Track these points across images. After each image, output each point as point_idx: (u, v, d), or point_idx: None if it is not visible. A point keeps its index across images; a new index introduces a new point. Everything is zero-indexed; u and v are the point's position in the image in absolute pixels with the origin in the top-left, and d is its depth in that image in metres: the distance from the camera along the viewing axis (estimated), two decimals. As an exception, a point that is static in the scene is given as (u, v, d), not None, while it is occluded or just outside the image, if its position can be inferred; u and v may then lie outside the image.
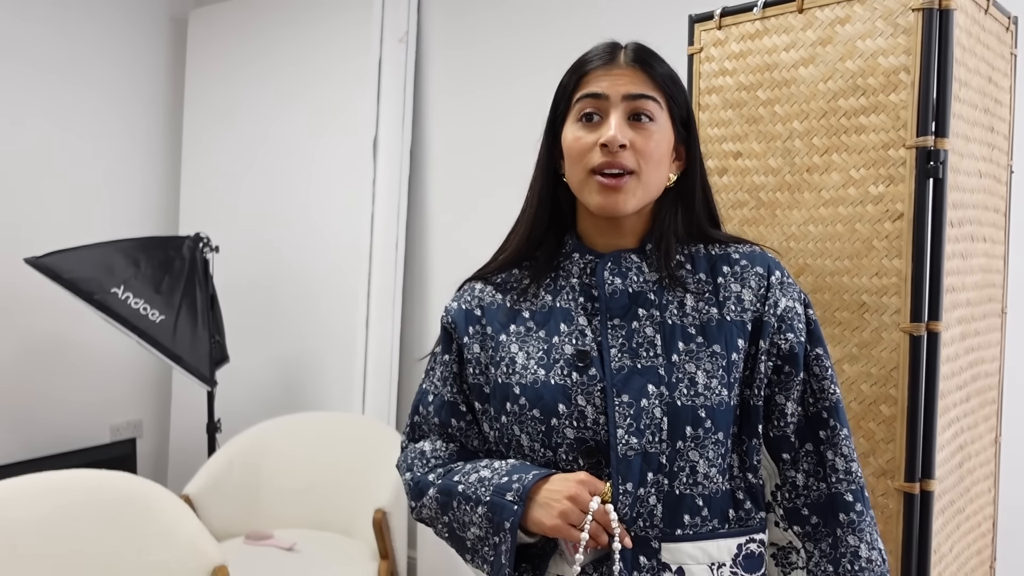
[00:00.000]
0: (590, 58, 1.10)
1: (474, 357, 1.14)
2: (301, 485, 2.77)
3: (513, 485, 1.03)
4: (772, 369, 1.07)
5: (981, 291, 1.56)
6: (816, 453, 1.07)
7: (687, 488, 1.03)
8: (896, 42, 1.37)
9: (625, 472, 1.01)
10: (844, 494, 1.05)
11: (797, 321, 1.07)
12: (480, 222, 3.01)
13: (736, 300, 1.07)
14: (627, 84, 1.06)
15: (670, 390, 1.03)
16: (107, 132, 3.54)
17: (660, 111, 1.07)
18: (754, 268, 1.09)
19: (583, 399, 1.04)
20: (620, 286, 1.08)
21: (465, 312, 1.17)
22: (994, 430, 1.67)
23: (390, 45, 3.10)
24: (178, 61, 3.76)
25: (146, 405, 3.71)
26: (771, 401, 1.07)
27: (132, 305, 2.82)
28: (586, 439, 1.04)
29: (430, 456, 1.16)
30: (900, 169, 1.37)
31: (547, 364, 1.08)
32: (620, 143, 1.03)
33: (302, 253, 3.28)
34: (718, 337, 1.05)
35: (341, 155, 3.16)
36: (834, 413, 1.06)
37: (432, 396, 1.19)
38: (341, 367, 3.13)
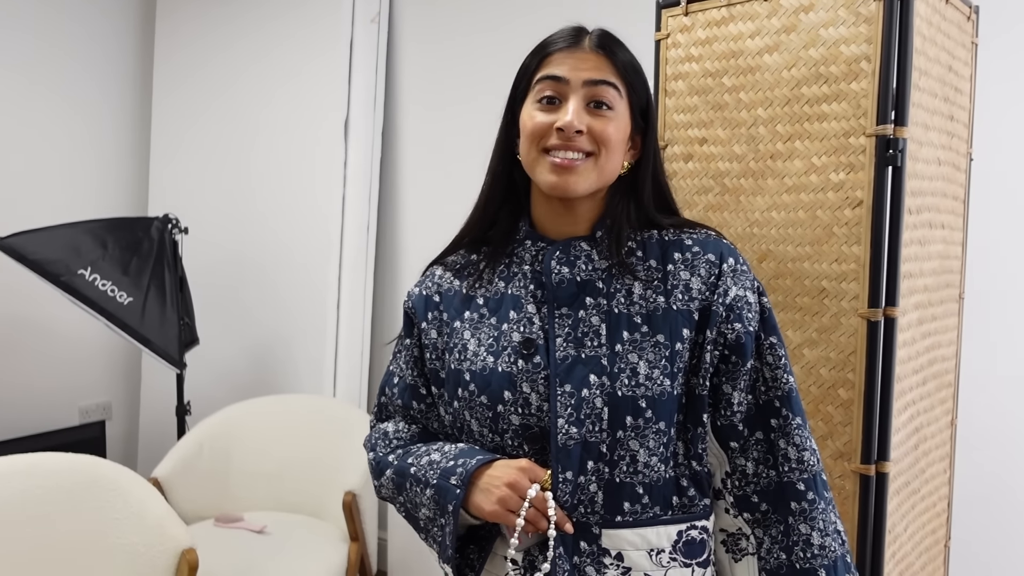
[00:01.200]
0: (554, 40, 1.10)
1: (431, 342, 1.16)
2: (271, 468, 2.77)
3: (457, 469, 1.05)
4: (719, 358, 1.07)
5: (939, 277, 1.59)
6: (767, 441, 1.07)
7: (627, 476, 1.04)
8: (858, 31, 1.39)
9: (565, 460, 1.03)
10: (796, 483, 1.06)
11: (747, 310, 1.07)
12: (452, 204, 3.01)
13: (684, 288, 1.07)
14: (589, 70, 1.06)
15: (612, 380, 1.04)
16: (75, 111, 3.49)
17: (619, 99, 1.07)
18: (705, 255, 1.09)
19: (528, 387, 1.05)
20: (568, 275, 1.09)
21: (425, 298, 1.19)
22: (950, 413, 1.71)
23: (362, 25, 3.08)
24: (147, 39, 3.72)
25: (115, 387, 3.69)
26: (718, 390, 1.07)
27: (100, 287, 2.79)
28: (531, 426, 1.06)
29: (392, 437, 1.19)
30: (860, 157, 1.39)
31: (496, 351, 1.09)
32: (576, 128, 1.04)
33: (273, 235, 3.26)
34: (663, 326, 1.06)
35: (312, 137, 3.14)
36: (787, 402, 1.07)
37: (397, 378, 1.22)
38: (312, 349, 3.13)
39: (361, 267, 3.13)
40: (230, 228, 3.38)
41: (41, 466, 2.04)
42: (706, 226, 1.14)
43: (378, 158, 3.16)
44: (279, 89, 3.24)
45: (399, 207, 3.19)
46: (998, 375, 2.08)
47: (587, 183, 1.07)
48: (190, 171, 3.51)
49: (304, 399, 2.95)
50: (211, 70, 3.45)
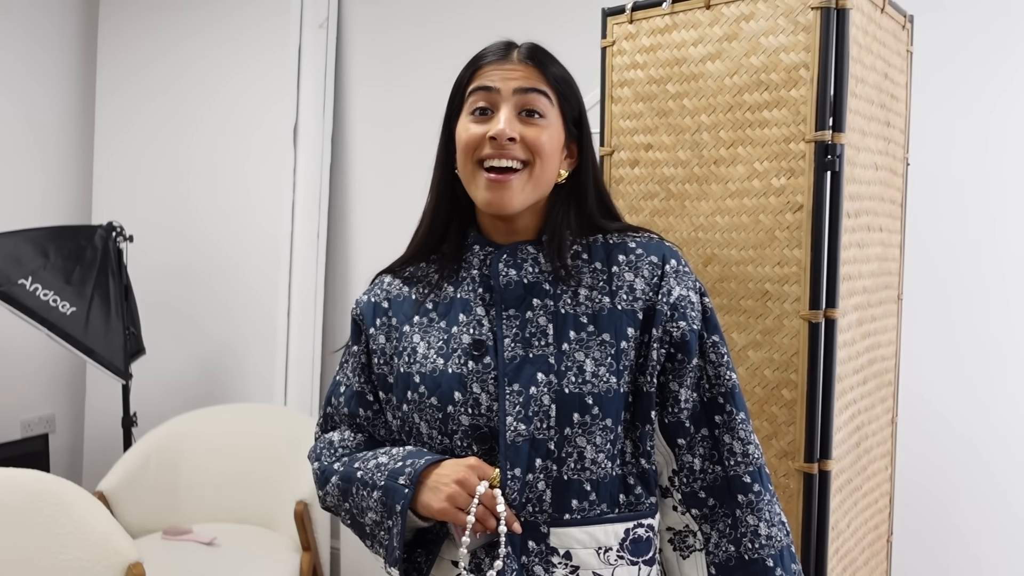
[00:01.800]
0: (484, 53, 1.12)
1: (379, 348, 1.17)
2: (221, 479, 2.73)
3: (406, 469, 1.06)
4: (665, 357, 1.09)
5: (877, 279, 1.64)
6: (712, 438, 1.10)
7: (575, 473, 1.05)
8: (797, 39, 1.42)
9: (513, 458, 1.04)
10: (742, 476, 1.08)
11: (691, 309, 1.10)
12: (403, 210, 3.00)
13: (628, 289, 1.10)
14: (519, 79, 1.09)
15: (559, 378, 1.06)
16: (15, 117, 3.41)
17: (551, 107, 1.10)
18: (648, 257, 1.12)
19: (478, 387, 1.07)
20: (515, 277, 1.11)
21: (373, 305, 1.20)
22: (891, 411, 1.75)
23: (310, 30, 3.06)
24: (89, 43, 3.64)
25: (59, 399, 3.61)
26: (665, 388, 1.10)
27: (41, 297, 2.73)
28: (480, 426, 1.07)
29: (338, 446, 1.19)
30: (800, 162, 1.42)
31: (446, 353, 1.10)
32: (509, 136, 1.06)
33: (221, 242, 3.22)
34: (608, 326, 1.08)
35: (261, 142, 3.11)
36: (730, 398, 1.10)
37: (344, 387, 1.22)
38: (262, 358, 3.09)
39: (311, 274, 3.10)
40: (177, 235, 3.33)
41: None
42: (649, 230, 1.18)
43: (328, 163, 3.14)
44: (226, 95, 3.21)
45: (350, 213, 3.17)
46: (937, 374, 2.14)
47: (522, 197, 1.09)
48: (135, 178, 3.45)
49: (254, 408, 2.92)
50: (156, 75, 3.40)
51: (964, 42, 2.08)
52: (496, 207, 1.09)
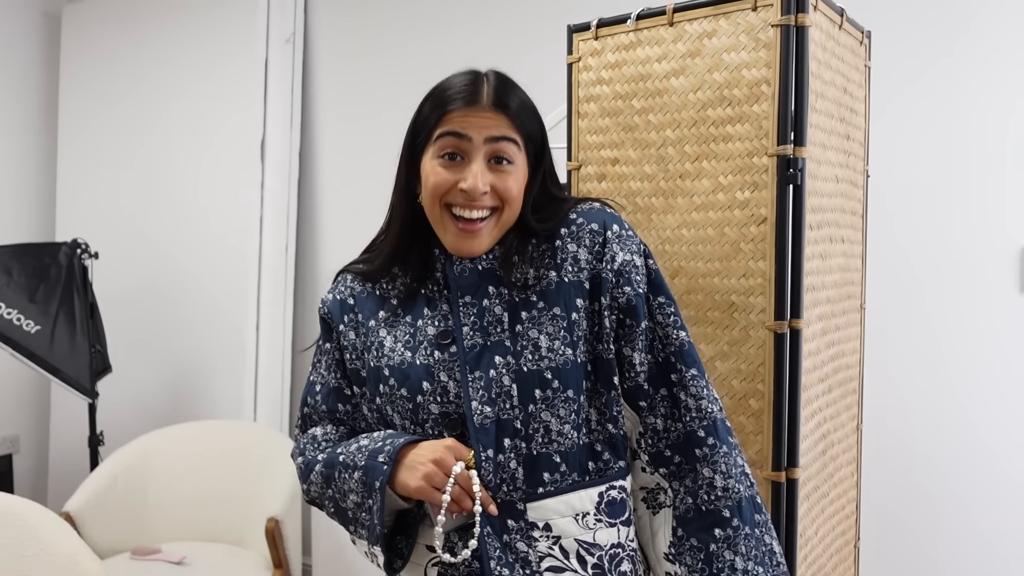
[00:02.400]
0: (452, 96, 1.13)
1: (350, 344, 1.21)
2: (190, 497, 2.70)
3: (385, 448, 1.09)
4: (616, 323, 1.13)
5: (840, 289, 1.67)
6: (671, 396, 1.13)
7: (543, 447, 1.09)
8: (758, 56, 1.45)
9: (484, 440, 1.07)
10: (697, 431, 1.12)
11: (635, 273, 1.13)
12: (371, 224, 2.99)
13: (573, 260, 1.13)
14: (490, 127, 1.11)
15: (516, 358, 1.09)
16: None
17: (518, 152, 1.13)
18: (589, 225, 1.15)
19: (445, 375, 1.11)
20: (469, 265, 1.15)
21: (340, 302, 1.24)
22: (856, 418, 1.79)
23: (276, 45, 3.06)
24: (51, 58, 3.61)
25: (23, 419, 3.55)
26: (620, 354, 1.13)
27: (4, 316, 2.70)
28: (449, 413, 1.10)
29: (321, 439, 1.22)
30: (763, 176, 1.45)
31: (412, 346, 1.14)
32: (482, 192, 1.10)
33: (188, 258, 3.20)
34: (557, 299, 1.12)
35: (227, 157, 3.09)
36: (680, 356, 1.13)
37: (319, 386, 1.25)
38: (231, 374, 3.07)
39: (280, 288, 3.09)
40: (143, 252, 3.30)
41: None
42: (592, 198, 1.21)
43: (296, 178, 3.14)
44: (192, 111, 3.19)
45: (318, 227, 3.17)
46: (899, 381, 2.18)
47: (489, 240, 1.14)
48: (100, 195, 3.41)
49: (223, 425, 2.90)
50: (121, 88, 3.37)
51: (921, 55, 2.13)
52: (465, 253, 1.13)
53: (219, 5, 3.12)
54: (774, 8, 1.42)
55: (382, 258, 1.21)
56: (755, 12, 1.44)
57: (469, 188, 1.09)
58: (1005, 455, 2.10)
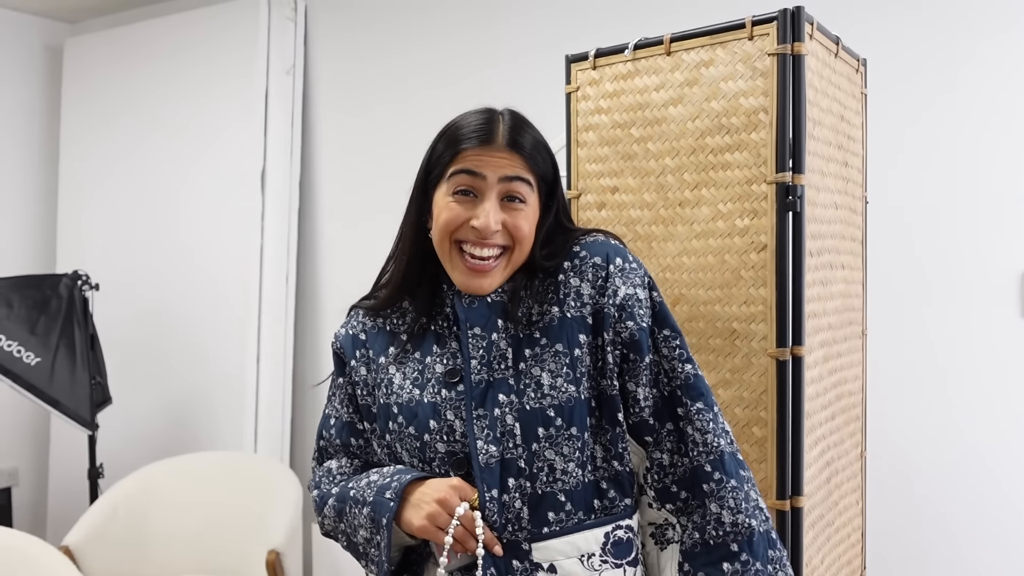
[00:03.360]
0: (466, 135, 1.12)
1: (361, 379, 1.21)
2: (191, 529, 2.68)
3: (392, 484, 1.09)
4: (620, 357, 1.11)
5: (841, 315, 1.67)
6: (677, 431, 1.11)
7: (548, 486, 1.08)
8: (755, 84, 1.46)
9: (489, 479, 1.07)
10: (704, 465, 1.09)
11: (638, 307, 1.12)
12: (372, 254, 3.00)
13: (575, 295, 1.13)
14: (504, 167, 1.11)
15: (519, 396, 1.09)
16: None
17: (531, 192, 1.13)
18: (592, 259, 1.14)
19: (452, 414, 1.11)
20: (479, 297, 1.15)
21: (352, 337, 1.24)
22: (859, 445, 1.78)
23: (276, 77, 3.08)
24: (53, 91, 3.63)
25: (22, 452, 3.53)
26: (624, 389, 1.12)
27: (4, 348, 2.69)
28: (456, 452, 1.10)
29: (336, 472, 1.23)
30: (763, 203, 1.45)
31: (421, 384, 1.14)
32: (494, 230, 1.10)
33: (189, 289, 3.20)
34: (560, 335, 1.11)
35: (228, 188, 3.11)
36: (686, 390, 1.11)
37: (333, 419, 1.26)
38: (232, 405, 3.06)
39: (281, 319, 3.09)
40: (143, 283, 3.30)
41: (-59, 541, 1.94)
42: (596, 229, 1.20)
43: (296, 208, 3.14)
44: (193, 140, 3.21)
45: (318, 257, 3.17)
46: (901, 406, 2.17)
47: (499, 279, 1.14)
48: (100, 226, 3.42)
49: (224, 456, 2.88)
50: (120, 121, 3.39)
51: (916, 82, 2.15)
52: (474, 291, 1.13)
53: (220, 39, 3.15)
54: (770, 37, 1.43)
55: (390, 289, 1.21)
56: (751, 41, 1.46)
57: (481, 226, 1.09)
58: (1008, 480, 2.08)
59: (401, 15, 2.97)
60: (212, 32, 3.17)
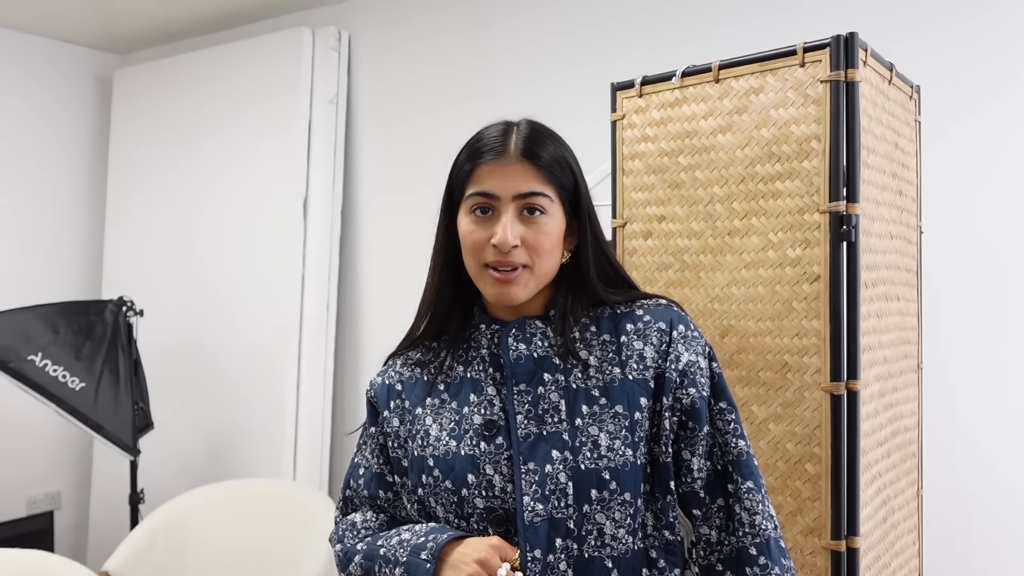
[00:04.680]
0: (481, 148, 1.12)
1: (393, 431, 1.18)
2: (229, 557, 2.67)
3: (428, 544, 1.05)
4: (677, 424, 1.08)
5: (897, 348, 1.61)
6: (726, 508, 1.08)
7: (596, 551, 1.04)
8: (807, 111, 1.43)
9: (533, 539, 1.03)
10: (748, 548, 1.06)
11: (700, 375, 1.09)
12: (413, 284, 2.99)
13: (638, 358, 1.10)
14: (517, 182, 1.09)
15: (574, 454, 1.05)
16: (27, 193, 3.45)
17: (550, 203, 1.11)
18: (656, 324, 1.12)
19: (491, 468, 1.07)
20: (525, 351, 1.11)
21: (387, 387, 1.21)
22: (916, 483, 1.71)
23: (320, 106, 3.11)
24: (102, 121, 3.71)
25: (65, 476, 3.56)
26: (679, 457, 1.09)
27: (51, 373, 2.72)
28: (495, 508, 1.06)
29: (360, 527, 1.19)
30: (815, 233, 1.41)
31: (458, 435, 1.10)
32: (511, 245, 1.07)
33: (230, 316, 3.22)
34: (620, 397, 1.07)
35: (271, 217, 3.13)
36: (737, 467, 1.08)
37: (363, 469, 1.22)
38: (271, 432, 3.06)
39: (321, 347, 3.09)
40: (187, 309, 3.33)
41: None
42: (659, 295, 1.17)
43: (338, 237, 3.16)
44: (237, 168, 3.24)
45: (359, 286, 3.17)
46: (960, 443, 2.10)
47: (527, 291, 1.11)
48: (145, 253, 3.47)
49: (263, 484, 2.87)
50: (166, 150, 3.45)
51: (970, 109, 2.09)
52: (505, 300, 1.10)
53: (265, 69, 3.19)
54: (823, 64, 1.40)
55: (418, 317, 1.19)
56: (803, 68, 1.43)
57: (499, 242, 1.07)
58: (1074, 522, 2.00)
59: (444, 46, 2.99)
60: (257, 62, 3.22)
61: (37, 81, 3.49)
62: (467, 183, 1.12)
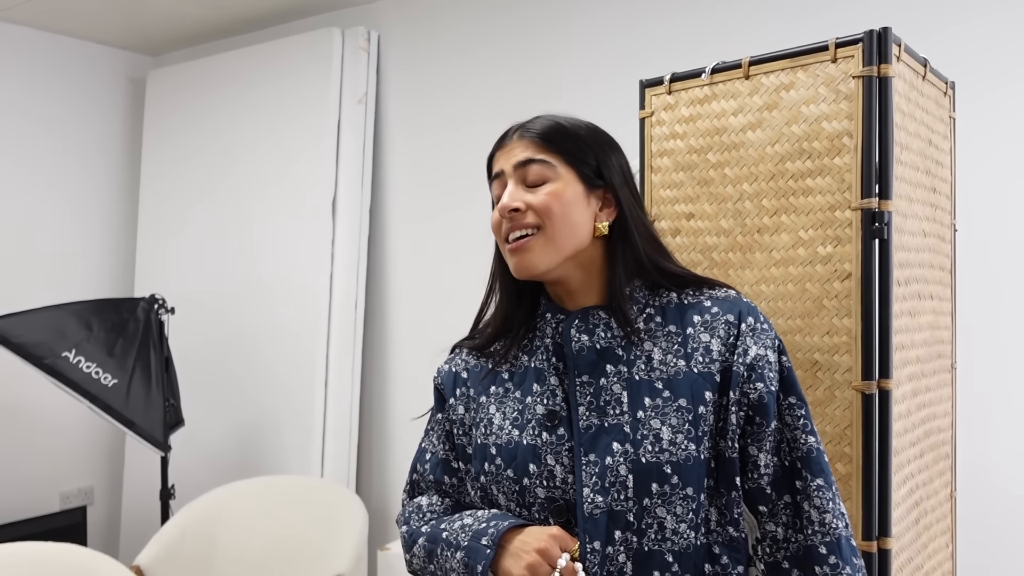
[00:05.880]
0: (494, 146, 1.19)
1: (459, 418, 1.20)
2: (258, 553, 2.69)
3: (489, 530, 1.06)
4: (743, 419, 1.07)
5: (930, 347, 1.59)
6: (793, 505, 1.07)
7: (656, 544, 1.03)
8: (839, 108, 1.41)
9: (592, 531, 1.03)
10: (818, 546, 1.05)
11: (768, 369, 1.08)
12: (440, 283, 3.01)
13: (704, 351, 1.08)
14: (516, 155, 1.13)
15: (635, 447, 1.04)
16: (62, 193, 3.51)
17: (552, 169, 1.12)
18: (724, 316, 1.10)
19: (552, 459, 1.07)
20: (587, 343, 1.11)
21: (453, 374, 1.23)
22: (949, 485, 1.69)
23: (349, 105, 3.12)
24: (135, 122, 3.76)
25: (98, 471, 3.61)
26: (745, 452, 1.07)
27: (84, 369, 2.76)
28: (555, 498, 1.06)
29: (426, 510, 1.21)
30: (847, 230, 1.40)
31: (520, 424, 1.11)
32: (510, 208, 1.10)
33: (260, 314, 3.25)
34: (684, 390, 1.06)
35: (300, 215, 3.15)
36: (807, 463, 1.07)
37: (429, 454, 1.25)
38: (299, 429, 3.08)
39: (349, 345, 3.11)
40: (217, 307, 3.36)
41: (19, 556, 1.98)
42: (725, 284, 1.16)
43: (366, 235, 3.17)
44: (266, 167, 3.27)
45: (387, 284, 3.19)
46: (994, 445, 2.06)
47: (546, 258, 1.10)
48: (177, 251, 3.51)
49: (291, 480, 2.90)
50: (198, 150, 3.48)
51: (1006, 106, 2.06)
52: (522, 271, 1.11)
53: (295, 69, 3.21)
54: (855, 60, 1.39)
55: (493, 324, 1.21)
56: (835, 64, 1.41)
57: (499, 209, 1.12)
58: (1113, 527, 1.96)
59: (472, 44, 2.99)
60: (287, 62, 3.24)
61: (71, 82, 3.55)
62: (489, 175, 1.18)
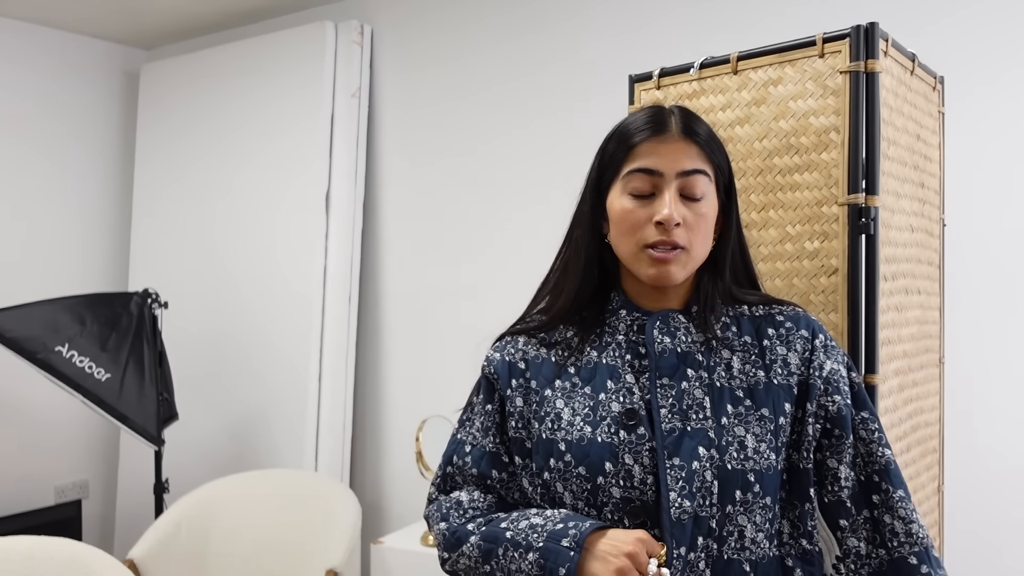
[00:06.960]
0: (639, 128, 1.10)
1: (516, 410, 1.14)
2: (251, 546, 2.70)
3: (569, 531, 1.01)
4: (821, 432, 1.08)
5: (917, 342, 1.60)
6: (872, 519, 1.07)
7: (735, 553, 1.02)
8: (826, 103, 1.41)
9: (679, 536, 1.00)
10: (908, 557, 1.05)
11: (843, 384, 1.09)
12: (433, 276, 3.01)
13: (783, 363, 1.09)
14: (680, 159, 1.08)
15: (720, 453, 1.03)
16: (55, 187, 3.50)
17: (709, 184, 1.10)
18: (799, 331, 1.11)
19: (631, 458, 1.04)
20: (670, 345, 1.09)
21: (509, 364, 1.17)
22: (936, 479, 1.69)
23: (343, 100, 3.12)
24: (129, 115, 3.75)
25: (92, 465, 3.62)
26: (823, 466, 1.08)
27: (77, 364, 2.76)
28: (632, 499, 1.03)
29: (467, 506, 1.14)
30: (834, 225, 1.40)
31: (593, 421, 1.07)
32: (676, 222, 1.05)
33: (254, 308, 3.25)
34: (766, 400, 1.06)
35: (293, 210, 3.15)
36: (886, 476, 1.07)
37: (470, 447, 1.18)
38: (293, 423, 3.08)
39: (343, 338, 3.11)
40: (210, 301, 3.36)
41: (15, 550, 1.99)
42: (790, 302, 1.17)
43: (359, 230, 3.17)
44: (260, 163, 3.27)
45: (380, 278, 3.19)
46: (981, 440, 2.07)
47: (684, 273, 1.09)
48: (171, 245, 3.51)
49: (285, 474, 2.90)
50: (192, 144, 3.48)
51: (996, 100, 2.06)
52: (662, 282, 1.08)
53: (289, 63, 3.21)
54: (842, 55, 1.39)
55: (564, 300, 1.15)
56: (822, 59, 1.42)
57: (665, 218, 1.05)
58: (1101, 520, 1.96)
59: (465, 37, 2.99)
60: (281, 56, 3.24)
61: (65, 75, 3.54)
62: (625, 161, 1.10)
